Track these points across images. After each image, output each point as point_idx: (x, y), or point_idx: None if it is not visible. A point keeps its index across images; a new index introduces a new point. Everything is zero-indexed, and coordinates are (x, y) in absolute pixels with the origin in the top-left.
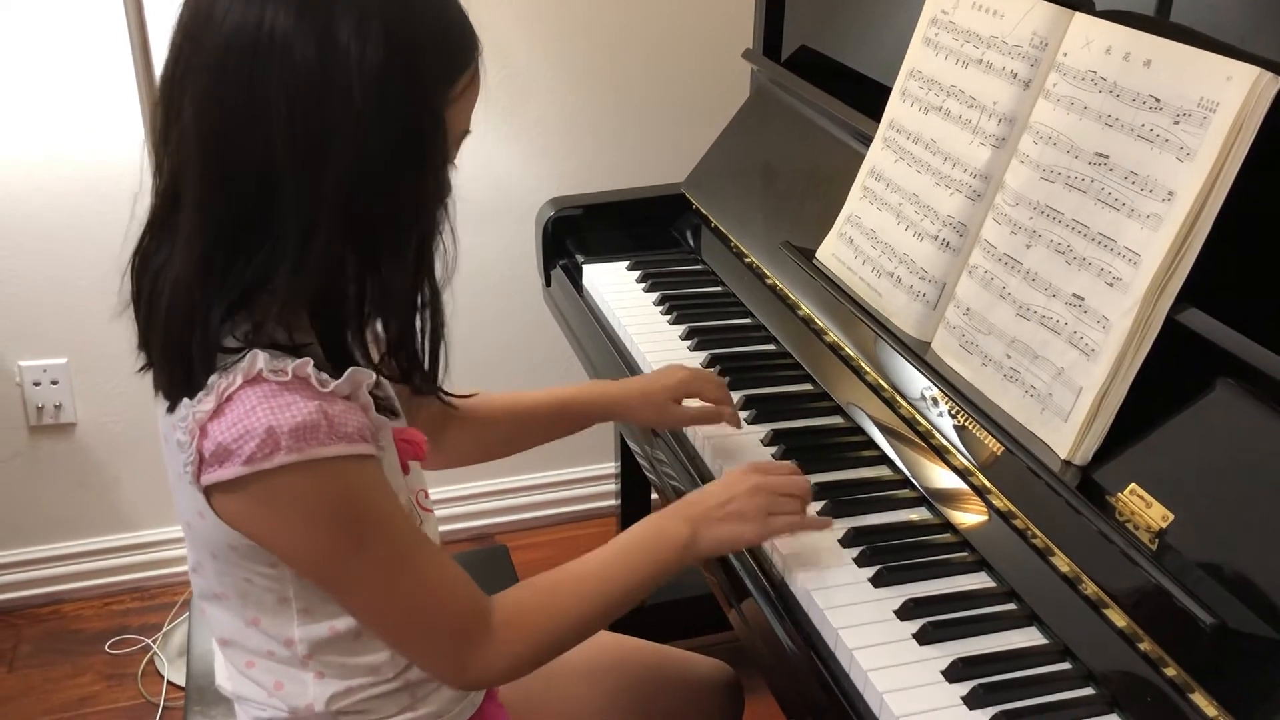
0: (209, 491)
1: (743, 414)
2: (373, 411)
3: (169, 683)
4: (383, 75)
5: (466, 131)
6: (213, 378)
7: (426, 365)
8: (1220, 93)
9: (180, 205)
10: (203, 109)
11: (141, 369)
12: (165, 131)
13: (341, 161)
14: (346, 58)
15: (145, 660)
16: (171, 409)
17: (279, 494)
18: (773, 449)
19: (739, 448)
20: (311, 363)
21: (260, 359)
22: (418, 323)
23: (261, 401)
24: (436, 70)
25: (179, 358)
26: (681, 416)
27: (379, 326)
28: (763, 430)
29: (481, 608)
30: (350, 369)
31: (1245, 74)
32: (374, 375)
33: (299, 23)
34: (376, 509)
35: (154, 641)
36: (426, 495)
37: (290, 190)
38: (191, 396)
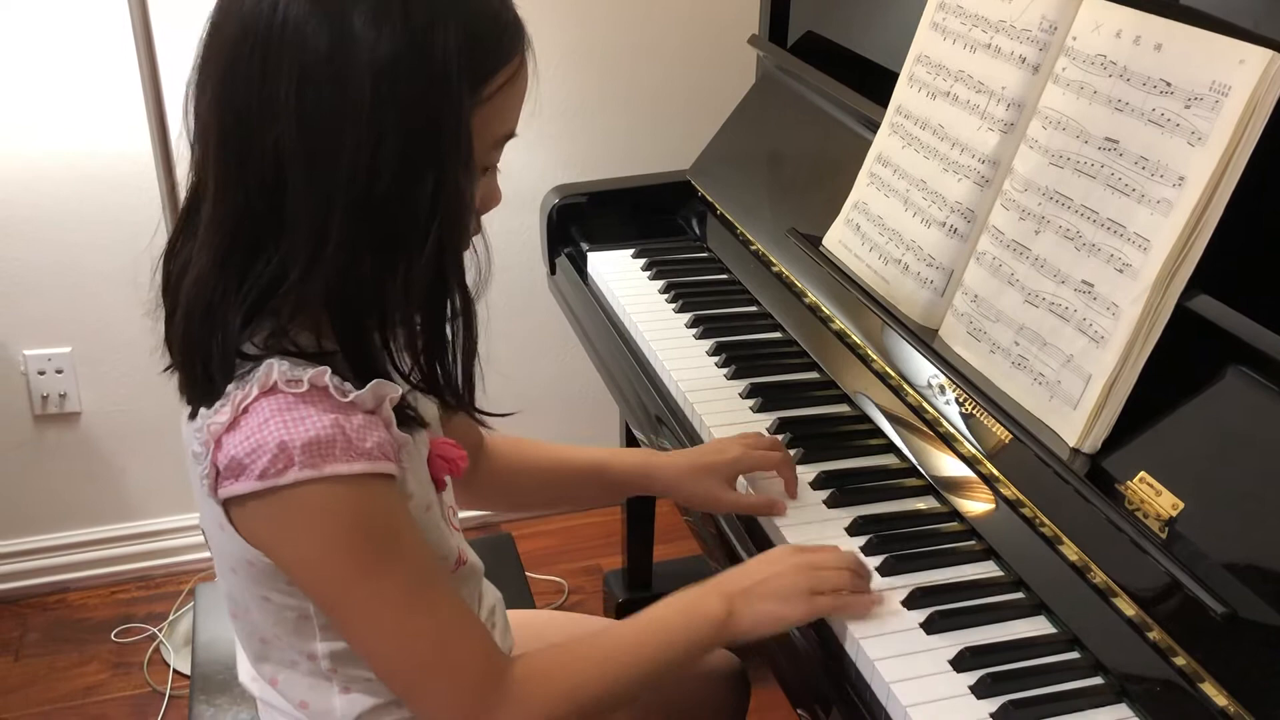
0: (226, 504)
1: (748, 402)
2: (395, 428)
3: (175, 671)
4: (397, 68)
5: (510, 134)
6: (230, 387)
7: (460, 382)
8: (1233, 76)
9: (203, 199)
10: (218, 99)
11: (166, 369)
12: (194, 124)
13: (353, 157)
14: (359, 48)
15: (151, 649)
16: (192, 416)
17: (293, 511)
18: (779, 437)
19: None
20: (329, 371)
21: (275, 370)
22: (448, 334)
23: (275, 414)
24: (462, 66)
25: (199, 362)
26: (732, 503)
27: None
28: (769, 418)
29: (498, 661)
30: (374, 381)
31: (1259, 57)
32: (399, 389)
33: (314, 8)
34: (394, 535)
35: (160, 630)
36: (455, 513)
37: (301, 185)
38: (210, 405)
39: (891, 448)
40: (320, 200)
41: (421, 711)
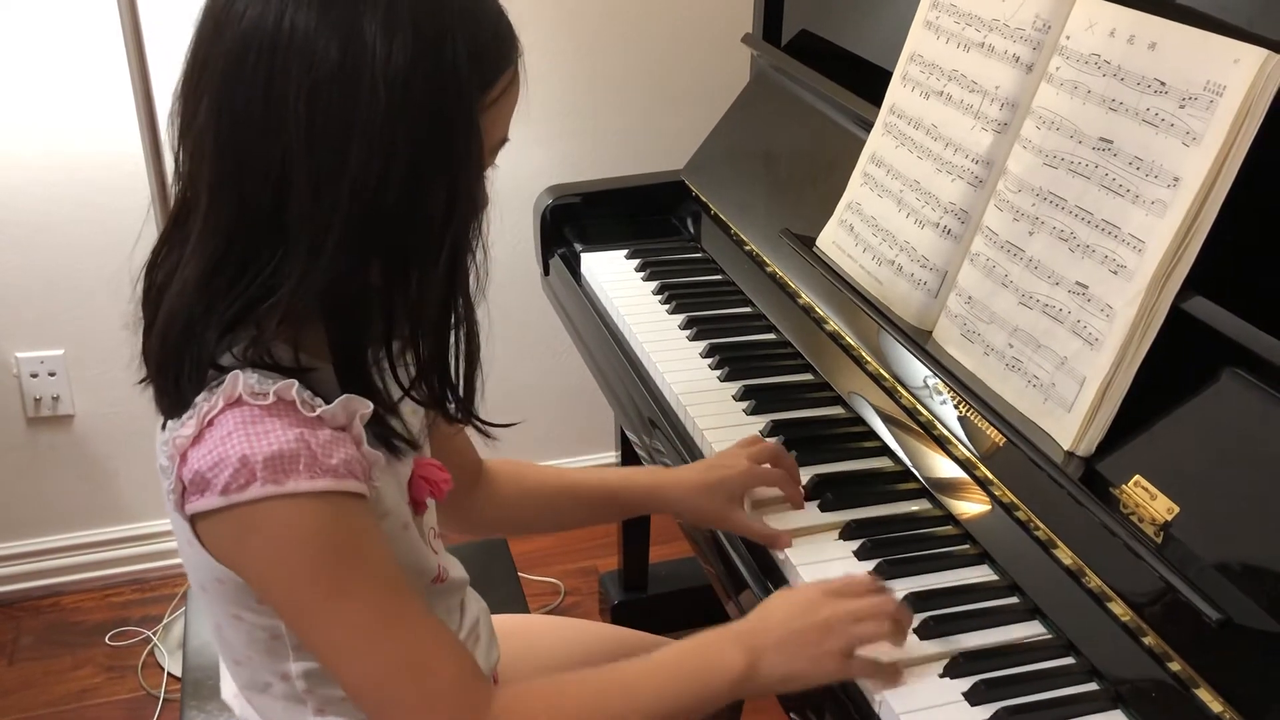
0: (193, 521)
1: (741, 404)
2: (365, 445)
3: (169, 675)
4: (410, 76)
5: (505, 139)
6: (199, 398)
7: (462, 390)
8: (1227, 75)
9: (193, 211)
10: (217, 108)
11: (141, 382)
12: (184, 132)
13: (362, 168)
14: (371, 57)
15: (145, 652)
16: (164, 427)
17: (255, 529)
18: (772, 440)
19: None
20: (296, 384)
21: (241, 381)
22: (450, 342)
23: (239, 427)
24: (469, 73)
25: (171, 372)
26: (741, 525)
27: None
28: (762, 421)
29: (477, 687)
30: (344, 396)
31: (1253, 56)
32: (369, 405)
33: (322, 19)
34: (362, 555)
35: (154, 634)
36: (437, 536)
37: (306, 196)
38: (178, 416)
39: (885, 450)
40: (324, 211)
41: None
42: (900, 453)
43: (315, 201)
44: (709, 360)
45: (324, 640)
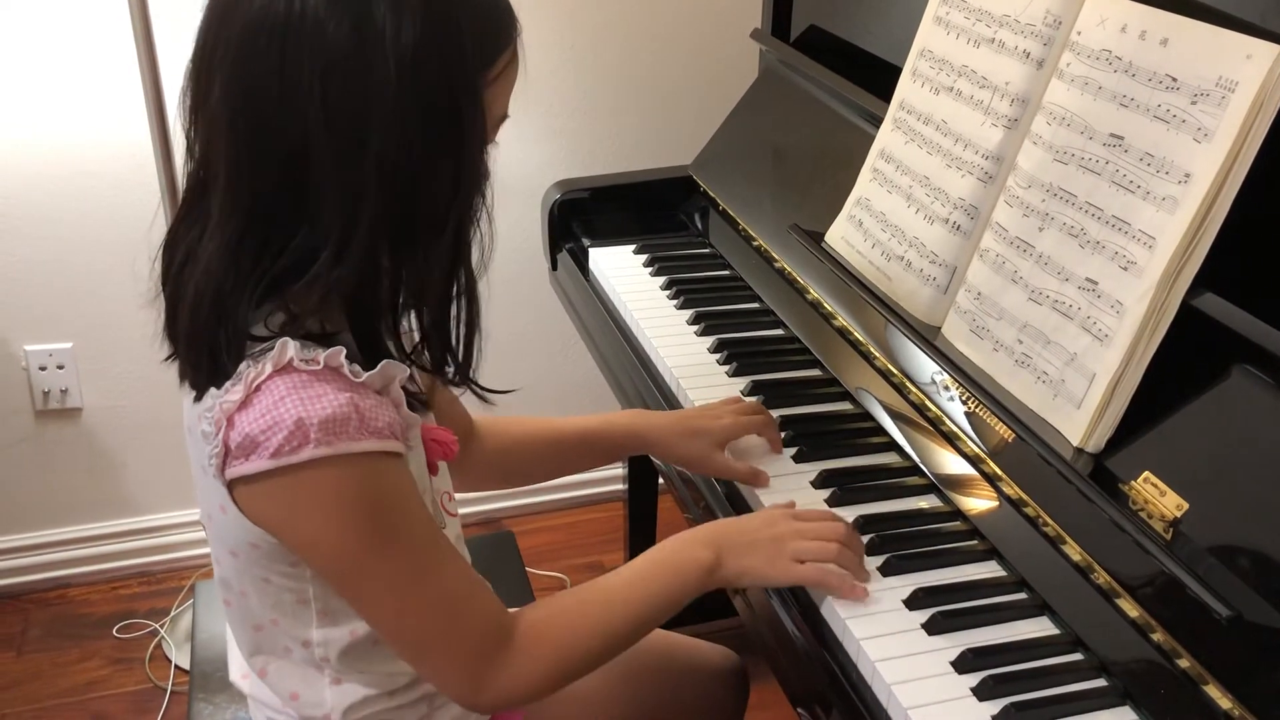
0: (232, 485)
1: (749, 400)
2: (404, 408)
3: (176, 667)
4: (419, 54)
5: (505, 115)
6: (242, 366)
7: (461, 356)
8: (1239, 71)
9: (211, 188)
10: (231, 89)
11: (167, 359)
12: (195, 112)
13: (380, 144)
14: (382, 36)
15: (153, 645)
16: (198, 399)
17: (304, 489)
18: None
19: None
20: (344, 351)
21: (291, 347)
22: (453, 311)
23: (291, 392)
24: (475, 50)
25: (206, 346)
26: (720, 467)
27: (413, 316)
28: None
29: (503, 623)
30: (383, 362)
31: (1266, 52)
32: (407, 370)
33: (333, 2)
34: (403, 510)
35: (161, 626)
36: (452, 498)
37: (330, 174)
38: (219, 386)
39: (893, 446)
40: (350, 188)
41: (430, 674)
42: (908, 448)
43: (340, 178)
44: (717, 356)
45: (366, 591)
